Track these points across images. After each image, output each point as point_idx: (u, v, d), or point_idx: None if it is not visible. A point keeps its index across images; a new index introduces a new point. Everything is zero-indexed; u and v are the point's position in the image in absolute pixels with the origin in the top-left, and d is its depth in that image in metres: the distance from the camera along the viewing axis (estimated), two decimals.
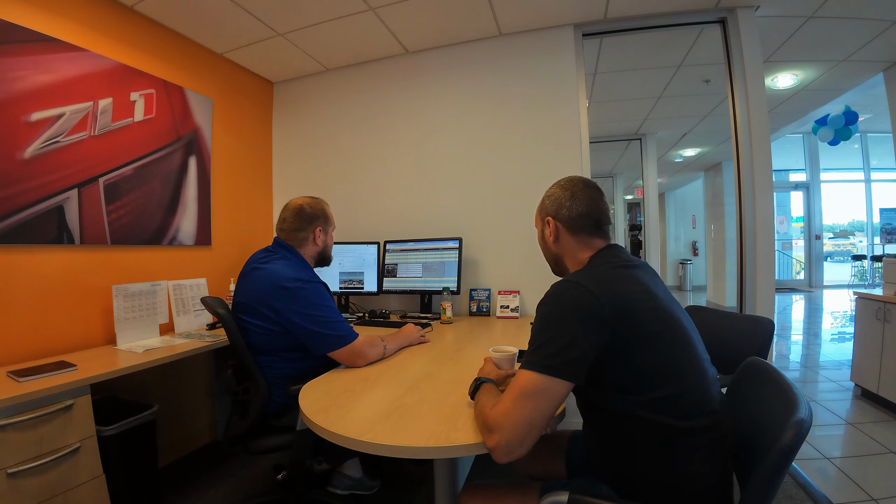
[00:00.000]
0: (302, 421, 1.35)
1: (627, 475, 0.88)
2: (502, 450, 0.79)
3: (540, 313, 0.88)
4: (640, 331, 0.81)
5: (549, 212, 1.07)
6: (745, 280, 2.37)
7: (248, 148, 2.90)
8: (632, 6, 2.32)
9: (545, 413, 0.80)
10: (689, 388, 0.83)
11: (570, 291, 0.85)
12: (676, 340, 0.84)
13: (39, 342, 1.71)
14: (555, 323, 0.83)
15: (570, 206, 1.03)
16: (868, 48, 2.96)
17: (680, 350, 0.84)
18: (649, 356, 0.81)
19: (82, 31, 1.89)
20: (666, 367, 0.82)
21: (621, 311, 0.81)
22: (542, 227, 1.09)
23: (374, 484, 1.87)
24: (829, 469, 1.99)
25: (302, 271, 1.52)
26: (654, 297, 0.86)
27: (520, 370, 0.84)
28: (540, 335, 0.84)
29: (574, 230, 1.02)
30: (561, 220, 1.04)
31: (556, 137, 2.48)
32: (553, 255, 1.09)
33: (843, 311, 6.25)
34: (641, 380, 0.82)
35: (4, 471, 1.20)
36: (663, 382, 0.81)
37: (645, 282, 0.88)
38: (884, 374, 2.56)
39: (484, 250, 2.60)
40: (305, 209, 1.63)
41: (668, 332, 0.84)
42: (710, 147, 6.10)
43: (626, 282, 0.87)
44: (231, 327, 1.47)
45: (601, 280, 0.86)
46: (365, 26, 2.41)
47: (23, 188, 1.66)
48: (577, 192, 1.04)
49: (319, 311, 1.43)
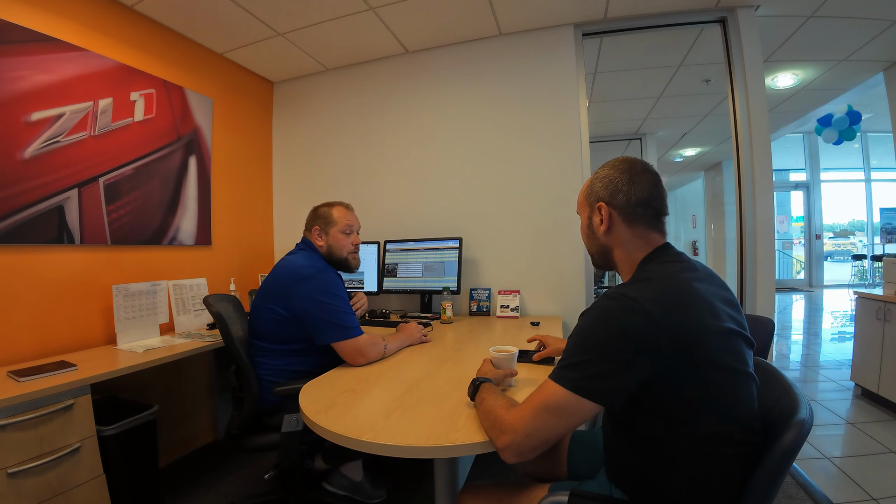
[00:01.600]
0: (287, 423, 1.36)
1: (651, 485, 0.81)
2: (512, 451, 0.77)
3: (585, 326, 0.78)
4: (699, 362, 0.72)
5: (600, 196, 0.90)
6: (746, 280, 2.37)
7: (248, 148, 2.90)
8: (632, 6, 2.32)
9: (563, 431, 0.76)
10: (738, 419, 0.75)
11: (626, 311, 0.73)
12: (736, 371, 0.75)
13: (40, 342, 1.72)
14: (600, 344, 0.74)
15: (629, 190, 0.87)
16: (868, 48, 2.96)
17: (738, 382, 0.75)
18: (702, 387, 0.72)
19: (82, 31, 1.89)
20: (717, 399, 0.73)
21: (682, 340, 0.71)
22: (590, 213, 0.93)
23: (378, 494, 1.80)
24: (829, 469, 1.99)
25: (318, 262, 1.59)
26: (719, 318, 0.75)
27: (549, 380, 0.78)
28: (580, 352, 0.76)
29: (631, 220, 0.88)
30: (616, 206, 0.88)
31: (556, 137, 2.48)
32: (601, 247, 0.93)
33: (843, 311, 6.24)
34: (688, 409, 0.74)
35: (5, 471, 1.20)
36: (713, 417, 0.73)
37: (711, 299, 0.77)
38: (884, 373, 2.56)
39: (484, 250, 2.60)
40: (314, 210, 1.73)
41: (729, 361, 0.74)
42: (710, 147, 6.10)
43: (692, 300, 0.75)
44: (225, 327, 1.49)
45: (665, 298, 0.74)
46: (365, 26, 2.40)
47: (23, 188, 1.66)
48: (637, 176, 0.88)
49: (330, 299, 1.47)
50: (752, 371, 0.78)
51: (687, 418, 0.74)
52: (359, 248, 1.76)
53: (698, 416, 0.73)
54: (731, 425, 0.74)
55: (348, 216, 1.73)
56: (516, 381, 1.20)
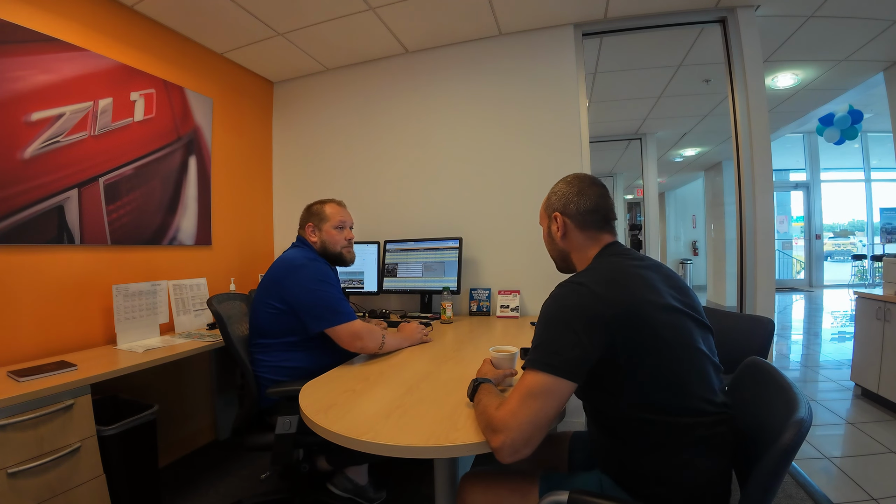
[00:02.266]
0: (281, 425, 1.36)
1: (631, 470, 0.88)
2: (508, 450, 0.79)
3: (543, 313, 0.88)
4: (645, 330, 0.81)
5: (556, 207, 1.06)
6: (746, 280, 2.37)
7: (248, 148, 2.90)
8: (632, 6, 2.32)
9: (549, 413, 0.81)
10: (692, 392, 0.83)
11: (575, 292, 0.85)
12: (683, 345, 0.84)
13: (40, 342, 1.72)
14: (557, 323, 0.84)
15: (578, 201, 1.02)
16: (868, 48, 2.96)
17: (688, 356, 0.84)
18: (653, 362, 0.81)
19: (82, 31, 1.89)
20: (669, 374, 0.82)
21: (626, 313, 0.81)
22: (549, 223, 1.08)
23: (378, 496, 1.82)
24: (829, 469, 1.99)
25: (311, 254, 1.64)
26: (660, 295, 0.85)
27: (524, 370, 0.84)
28: (542, 334, 0.85)
29: (582, 225, 1.02)
30: (569, 215, 1.03)
31: (556, 137, 2.48)
32: (560, 252, 1.08)
33: (843, 311, 6.24)
34: (644, 384, 0.82)
35: (4, 471, 1.20)
36: (667, 388, 0.81)
37: (652, 281, 0.88)
38: (884, 373, 2.56)
39: (484, 250, 2.60)
40: (308, 207, 1.77)
41: (675, 335, 0.83)
42: (710, 147, 6.10)
43: (633, 282, 0.86)
44: (224, 328, 1.50)
45: (607, 281, 0.85)
46: (365, 26, 2.40)
47: (23, 188, 1.66)
48: (585, 188, 1.04)
49: (322, 286, 1.50)
50: (704, 350, 0.86)
51: (645, 391, 0.82)
52: (352, 242, 1.79)
53: (654, 385, 0.81)
54: (689, 403, 0.81)
55: (340, 212, 1.76)
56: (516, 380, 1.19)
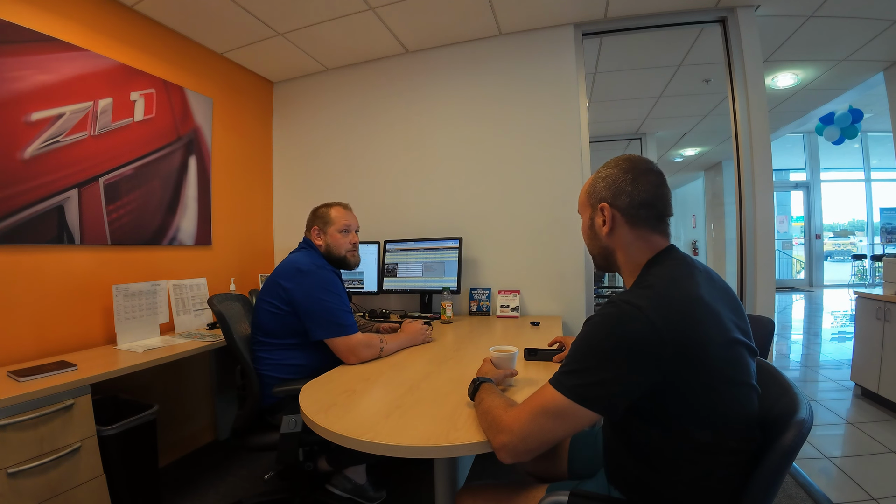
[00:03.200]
0: (286, 424, 1.36)
1: (649, 488, 0.80)
2: (508, 452, 0.78)
3: (587, 333, 0.77)
4: (701, 373, 0.71)
5: (603, 197, 0.88)
6: (746, 279, 2.37)
7: (248, 148, 2.89)
8: (632, 6, 2.32)
9: (560, 435, 0.76)
10: (737, 429, 0.74)
11: (630, 320, 0.71)
12: (738, 383, 0.74)
13: (40, 342, 1.72)
14: (602, 353, 0.73)
15: (632, 191, 0.85)
16: (868, 47, 2.96)
17: (740, 394, 0.74)
18: (704, 400, 0.72)
19: (82, 31, 1.89)
20: (718, 412, 0.73)
21: (685, 351, 0.69)
22: (592, 214, 0.91)
23: (378, 495, 1.82)
24: (829, 469, 1.99)
25: (318, 260, 1.63)
26: (725, 329, 0.74)
27: (548, 384, 0.77)
28: (581, 359, 0.75)
29: (634, 222, 0.85)
30: (619, 207, 0.86)
31: (556, 137, 2.48)
32: (603, 249, 0.91)
33: (843, 311, 6.24)
34: (688, 421, 0.73)
35: (5, 471, 1.20)
36: (711, 426, 0.72)
37: (717, 307, 0.75)
38: (884, 373, 2.56)
39: (484, 250, 2.60)
40: (314, 211, 1.77)
41: (732, 373, 0.73)
42: (710, 147, 6.10)
43: (697, 310, 0.73)
44: (226, 326, 1.51)
45: (670, 306, 0.72)
46: (365, 26, 2.40)
47: (23, 188, 1.66)
48: (640, 176, 0.85)
49: (327, 296, 1.51)
50: (754, 382, 0.77)
51: (685, 426, 0.73)
52: (357, 246, 1.78)
53: (697, 425, 0.73)
54: (729, 435, 0.73)
55: (346, 216, 1.75)
56: (516, 380, 1.20)
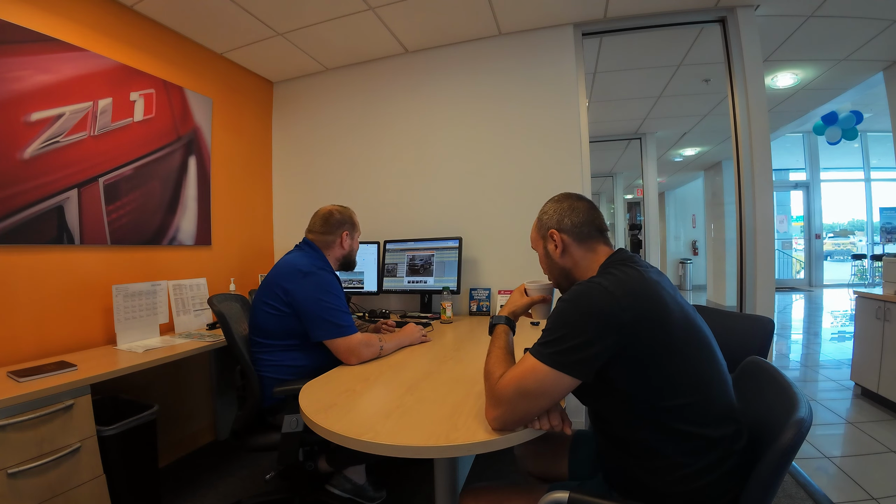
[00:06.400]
0: (287, 423, 1.36)
1: (645, 484, 0.85)
2: (499, 424, 0.87)
3: (558, 309, 0.86)
4: (666, 337, 0.80)
5: (550, 225, 1.03)
6: (745, 279, 2.37)
7: (248, 148, 2.89)
8: (632, 5, 2.32)
9: (543, 404, 0.84)
10: (716, 395, 0.82)
11: (592, 292, 0.83)
12: (703, 346, 0.84)
13: (40, 342, 1.71)
14: (572, 320, 0.82)
15: (572, 215, 1.01)
16: (868, 47, 2.96)
17: (707, 356, 0.84)
18: (678, 363, 0.80)
19: (82, 31, 1.89)
20: (694, 374, 0.81)
21: (644, 315, 0.80)
22: (545, 243, 1.05)
23: (378, 496, 1.83)
24: (829, 468, 1.99)
25: (318, 261, 1.63)
26: (678, 303, 0.85)
27: (528, 354, 0.85)
28: (555, 329, 0.84)
29: (580, 238, 1.00)
30: (565, 230, 1.01)
31: (555, 137, 2.48)
32: (560, 270, 1.03)
33: (843, 311, 6.24)
34: (667, 387, 0.80)
35: (4, 471, 1.20)
36: (691, 390, 0.80)
37: (667, 289, 0.86)
38: (884, 373, 2.56)
39: (484, 250, 2.60)
40: (335, 215, 1.75)
41: (695, 338, 0.83)
42: (710, 146, 6.10)
43: (649, 287, 0.84)
44: (227, 326, 1.51)
45: (624, 283, 0.83)
46: (365, 26, 2.40)
47: (23, 188, 1.66)
48: (575, 203, 1.03)
49: (327, 297, 1.51)
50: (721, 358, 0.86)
51: (666, 393, 0.80)
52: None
53: (678, 388, 0.79)
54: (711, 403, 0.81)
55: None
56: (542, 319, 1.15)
